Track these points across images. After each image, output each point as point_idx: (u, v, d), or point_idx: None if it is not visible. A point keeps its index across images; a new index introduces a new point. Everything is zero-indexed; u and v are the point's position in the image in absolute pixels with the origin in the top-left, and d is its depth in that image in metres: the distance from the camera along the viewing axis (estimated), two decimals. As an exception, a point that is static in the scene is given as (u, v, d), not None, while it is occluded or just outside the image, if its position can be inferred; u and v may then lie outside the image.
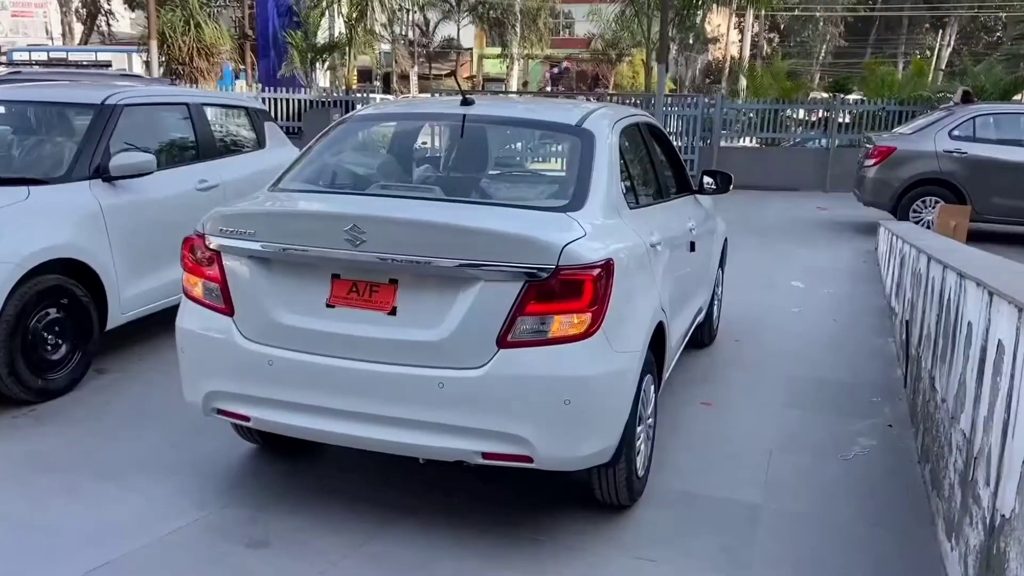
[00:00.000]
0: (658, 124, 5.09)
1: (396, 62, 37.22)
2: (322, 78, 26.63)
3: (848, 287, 8.32)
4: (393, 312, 3.16)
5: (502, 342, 3.04)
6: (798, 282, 8.38)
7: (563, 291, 3.03)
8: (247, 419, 3.40)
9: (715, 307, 6.02)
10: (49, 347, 4.69)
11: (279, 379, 3.27)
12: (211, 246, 3.39)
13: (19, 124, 5.74)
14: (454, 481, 3.74)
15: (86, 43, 31.59)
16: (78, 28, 33.54)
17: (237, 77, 25.49)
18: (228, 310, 3.36)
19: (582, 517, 3.56)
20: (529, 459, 3.09)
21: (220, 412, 3.45)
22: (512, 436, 3.06)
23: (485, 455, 3.11)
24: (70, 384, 4.81)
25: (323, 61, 25.57)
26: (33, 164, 5.24)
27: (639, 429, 3.54)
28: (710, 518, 3.64)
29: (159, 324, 5.28)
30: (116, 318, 5.11)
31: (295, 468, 3.95)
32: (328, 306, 3.23)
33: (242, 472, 3.93)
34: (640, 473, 3.64)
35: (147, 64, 19.77)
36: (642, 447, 3.64)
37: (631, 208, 3.81)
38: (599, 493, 3.52)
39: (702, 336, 5.77)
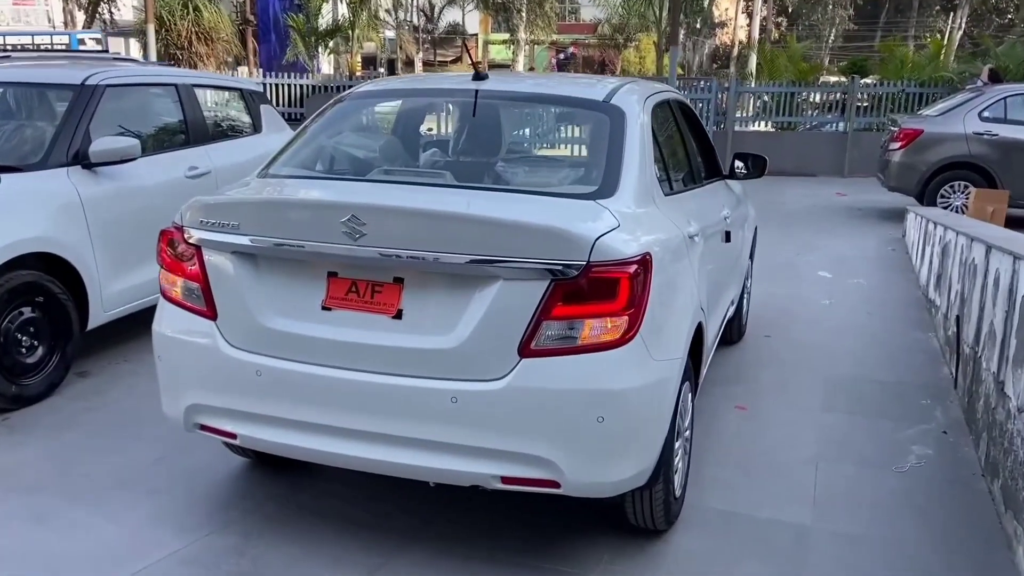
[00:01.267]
0: (687, 102, 4.65)
1: (400, 48, 36.70)
2: (325, 64, 26.13)
3: (879, 277, 7.88)
4: (398, 315, 2.75)
5: (524, 350, 2.63)
6: (825, 272, 7.93)
7: (595, 291, 2.62)
8: (233, 436, 3.00)
9: (744, 300, 5.60)
10: (24, 349, 4.31)
11: (269, 392, 2.86)
12: (191, 240, 2.98)
13: (-9, 106, 5.33)
14: (469, 502, 3.34)
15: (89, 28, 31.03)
16: (80, 16, 33.02)
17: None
18: (210, 313, 2.96)
19: (613, 544, 3.16)
20: (555, 484, 2.69)
21: (203, 428, 3.06)
22: (536, 458, 2.65)
23: (504, 479, 2.71)
24: (48, 389, 4.43)
25: (325, 46, 25.05)
26: (6, 150, 4.81)
27: (677, 445, 3.13)
28: (754, 542, 3.24)
29: (146, 322, 4.85)
30: (98, 317, 4.72)
31: (290, 485, 3.55)
32: (324, 308, 2.83)
33: (230, 491, 3.54)
34: (677, 493, 3.24)
35: (144, 47, 19.16)
36: (679, 464, 3.24)
37: (666, 195, 3.39)
38: (633, 517, 3.11)
39: (731, 332, 5.35)
